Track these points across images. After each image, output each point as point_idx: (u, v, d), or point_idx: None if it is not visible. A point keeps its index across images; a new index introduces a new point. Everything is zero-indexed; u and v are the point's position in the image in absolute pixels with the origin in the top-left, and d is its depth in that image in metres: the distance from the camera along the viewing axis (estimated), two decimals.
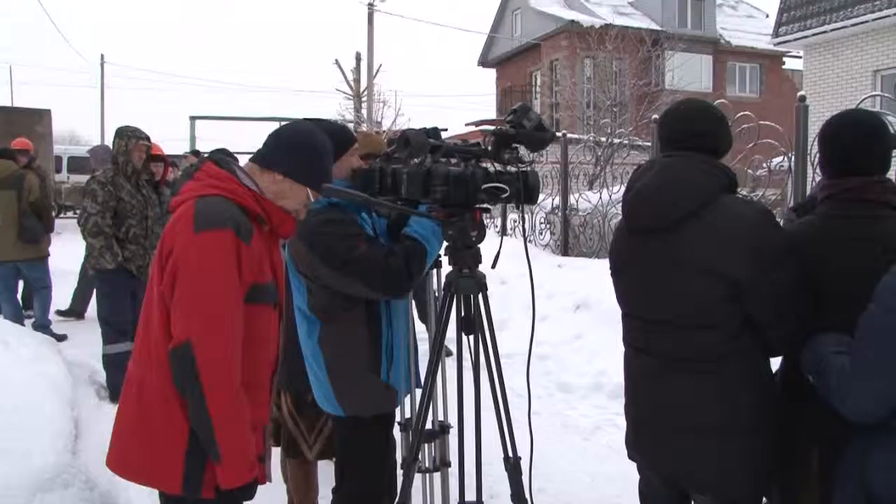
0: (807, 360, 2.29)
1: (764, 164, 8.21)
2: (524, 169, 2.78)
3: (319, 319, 2.95)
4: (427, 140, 2.66)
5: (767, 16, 32.03)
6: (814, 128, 6.15)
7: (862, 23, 16.57)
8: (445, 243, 2.88)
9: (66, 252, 10.19)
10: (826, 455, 2.36)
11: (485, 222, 2.83)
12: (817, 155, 5.54)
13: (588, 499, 4.39)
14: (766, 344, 2.45)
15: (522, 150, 2.82)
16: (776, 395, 2.51)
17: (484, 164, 2.80)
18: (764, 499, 2.68)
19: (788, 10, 18.86)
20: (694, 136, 2.49)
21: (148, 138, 6.21)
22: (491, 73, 38.36)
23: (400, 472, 2.98)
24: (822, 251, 2.38)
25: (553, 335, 7.16)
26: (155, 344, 2.21)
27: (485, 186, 2.67)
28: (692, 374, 2.44)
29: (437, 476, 3.43)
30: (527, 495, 2.82)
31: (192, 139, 24.62)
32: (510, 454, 2.80)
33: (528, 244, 2.90)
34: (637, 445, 2.71)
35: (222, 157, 2.36)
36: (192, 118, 25.59)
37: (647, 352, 2.58)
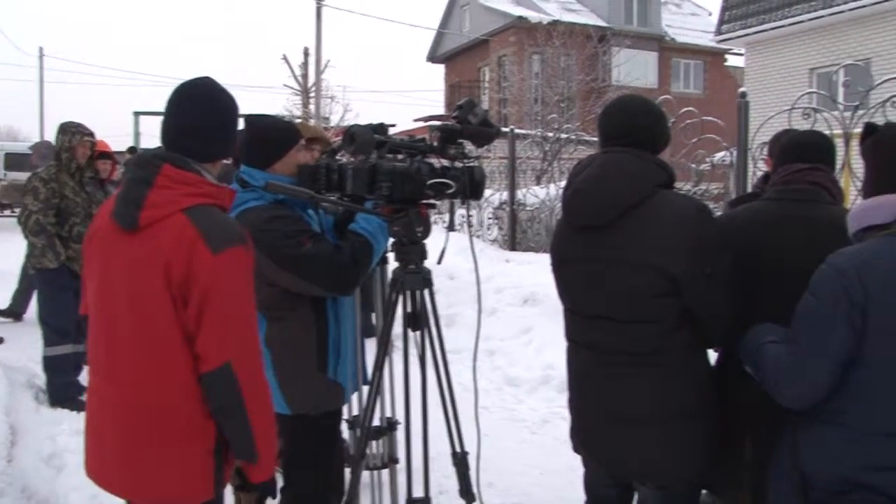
0: (744, 350, 2.35)
1: (707, 159, 8.35)
2: (470, 164, 2.78)
3: (265, 317, 2.91)
4: (372, 136, 2.65)
5: (710, 14, 32.58)
6: (754, 123, 6.30)
7: (799, 22, 17.06)
8: (391, 239, 2.87)
9: (3, 251, 9.93)
10: (759, 442, 2.42)
11: (431, 218, 2.82)
12: (759, 149, 5.68)
13: (537, 492, 4.42)
14: (704, 336, 2.50)
15: (468, 146, 2.82)
16: (714, 386, 2.56)
17: (430, 160, 2.80)
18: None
19: (730, 9, 19.30)
20: (632, 131, 2.51)
21: (92, 134, 6.08)
22: (439, 69, 38.39)
23: (348, 470, 2.97)
24: (762, 232, 2.48)
25: (501, 330, 7.19)
26: (171, 367, 2.11)
27: (430, 182, 2.66)
28: (633, 368, 2.47)
29: (385, 473, 3.43)
30: (475, 490, 2.82)
31: (136, 135, 24.09)
32: (457, 449, 2.81)
33: (477, 239, 2.90)
34: (581, 438, 2.73)
35: (178, 157, 2.17)
36: (136, 114, 25.05)
37: (588, 346, 2.60)
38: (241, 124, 2.95)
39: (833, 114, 5.82)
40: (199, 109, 2.20)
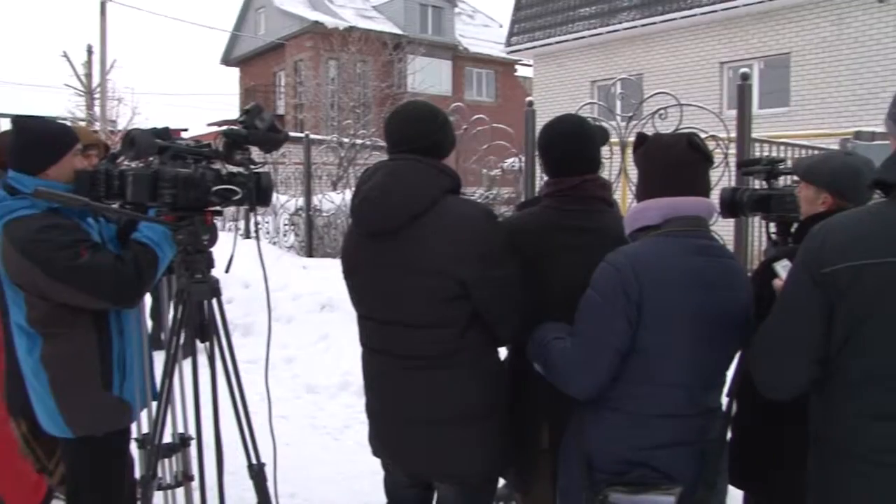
0: (531, 348, 2.46)
1: (499, 165, 8.68)
2: (257, 170, 2.73)
3: (40, 334, 2.73)
4: (154, 141, 2.54)
5: (501, 26, 33.84)
6: None
7: (581, 38, 18.25)
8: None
9: None
10: (553, 431, 2.55)
11: (217, 225, 2.75)
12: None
13: (340, 498, 4.42)
14: (494, 336, 2.59)
15: (257, 151, 2.77)
16: (507, 382, 2.66)
17: (216, 166, 2.72)
18: (501, 479, 2.85)
19: (519, 22, 20.27)
20: (417, 138, 2.55)
21: None
22: (234, 72, 37.40)
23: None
24: (543, 241, 2.58)
25: (299, 337, 7.14)
26: None
27: (215, 189, 2.59)
28: (427, 370, 2.53)
29: (179, 492, 3.30)
30: (274, 501, 2.78)
31: None
32: (253, 461, 2.75)
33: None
34: (380, 442, 2.76)
35: None
36: None
37: (382, 352, 2.63)
38: (8, 126, 2.75)
39: (611, 123, 6.24)
40: None
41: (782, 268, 2.19)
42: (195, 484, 3.13)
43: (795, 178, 2.75)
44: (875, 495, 1.83)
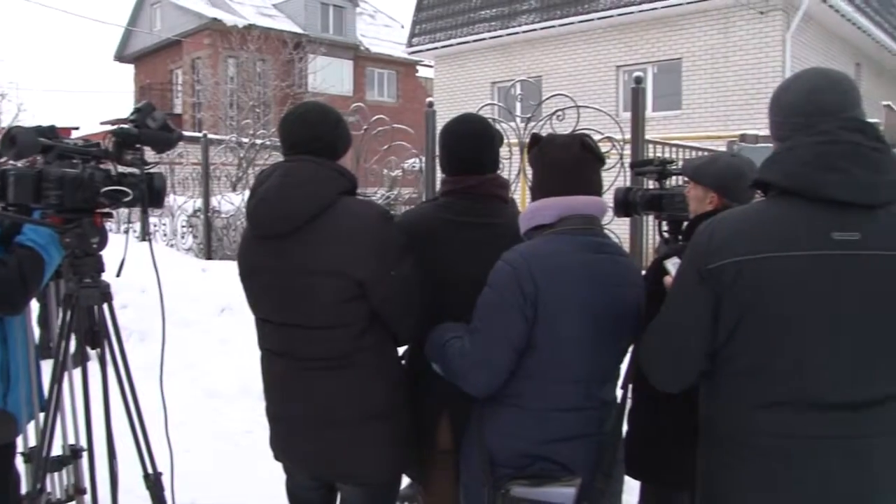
0: (429, 349, 2.48)
1: (400, 165, 8.70)
2: (150, 171, 2.65)
3: None
4: (37, 139, 2.43)
5: (403, 26, 33.87)
6: None
7: (481, 40, 18.48)
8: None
9: None
10: (454, 429, 2.58)
11: (106, 227, 2.66)
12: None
13: (244, 503, 4.33)
14: (393, 335, 2.60)
15: (151, 152, 2.69)
16: (406, 382, 2.67)
17: (105, 166, 2.63)
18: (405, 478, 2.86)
19: (420, 23, 20.37)
20: (312, 139, 2.54)
21: None
22: (129, 69, 36.19)
23: None
24: (440, 237, 2.61)
25: (199, 341, 6.98)
26: None
27: (105, 190, 2.50)
28: (327, 371, 2.51)
29: None
30: None
31: None
32: (149, 470, 2.68)
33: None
34: (281, 445, 2.73)
35: None
36: None
37: (282, 355, 2.60)
38: None
39: (511, 124, 6.33)
40: None
41: (672, 265, 2.27)
42: (87, 497, 3.03)
43: (685, 178, 2.85)
44: (754, 480, 1.91)
